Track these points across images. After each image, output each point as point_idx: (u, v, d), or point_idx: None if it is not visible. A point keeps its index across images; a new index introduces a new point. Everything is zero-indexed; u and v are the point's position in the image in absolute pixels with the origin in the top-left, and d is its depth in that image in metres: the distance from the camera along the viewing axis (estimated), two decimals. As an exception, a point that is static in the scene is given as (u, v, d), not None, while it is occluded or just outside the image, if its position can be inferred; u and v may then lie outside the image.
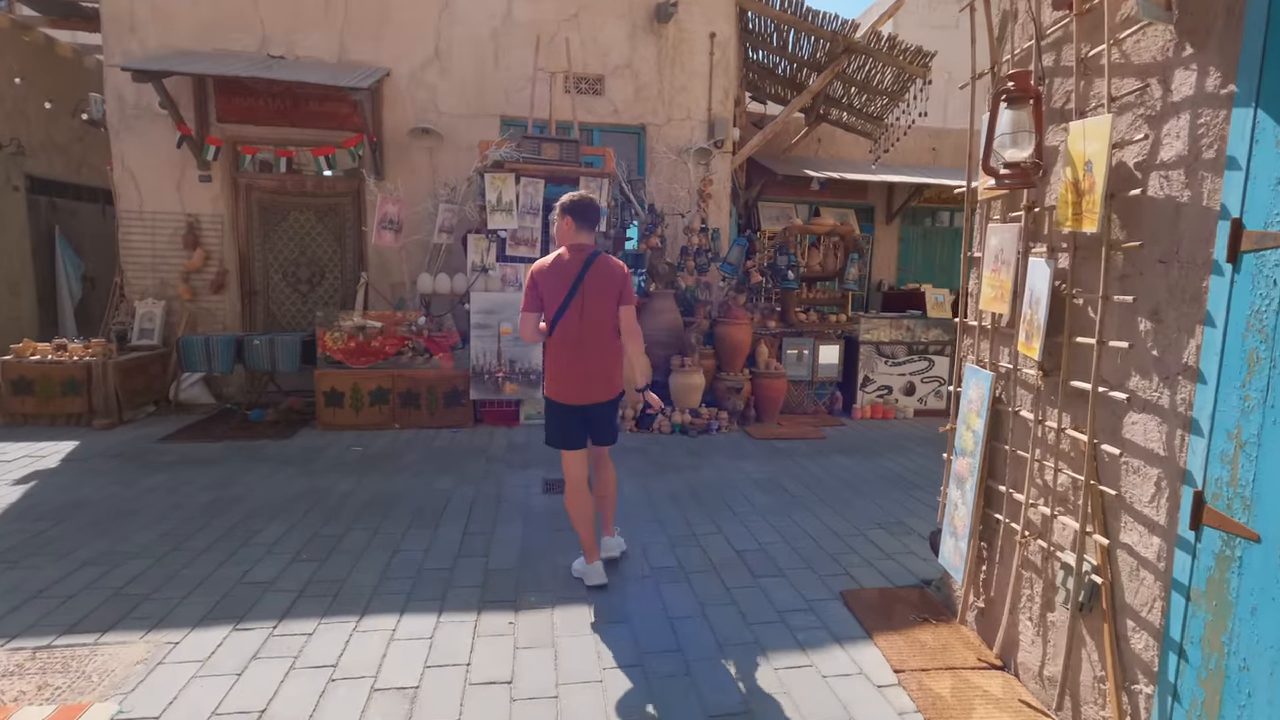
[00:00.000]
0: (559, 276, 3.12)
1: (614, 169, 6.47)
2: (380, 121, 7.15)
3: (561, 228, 3.25)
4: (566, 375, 3.18)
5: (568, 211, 3.23)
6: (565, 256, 3.17)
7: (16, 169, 9.21)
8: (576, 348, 3.13)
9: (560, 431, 3.26)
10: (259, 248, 7.26)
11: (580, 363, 3.15)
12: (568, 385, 3.18)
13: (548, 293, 3.12)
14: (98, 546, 3.55)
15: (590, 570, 3.29)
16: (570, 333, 3.12)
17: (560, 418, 3.24)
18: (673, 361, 6.41)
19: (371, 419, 6.12)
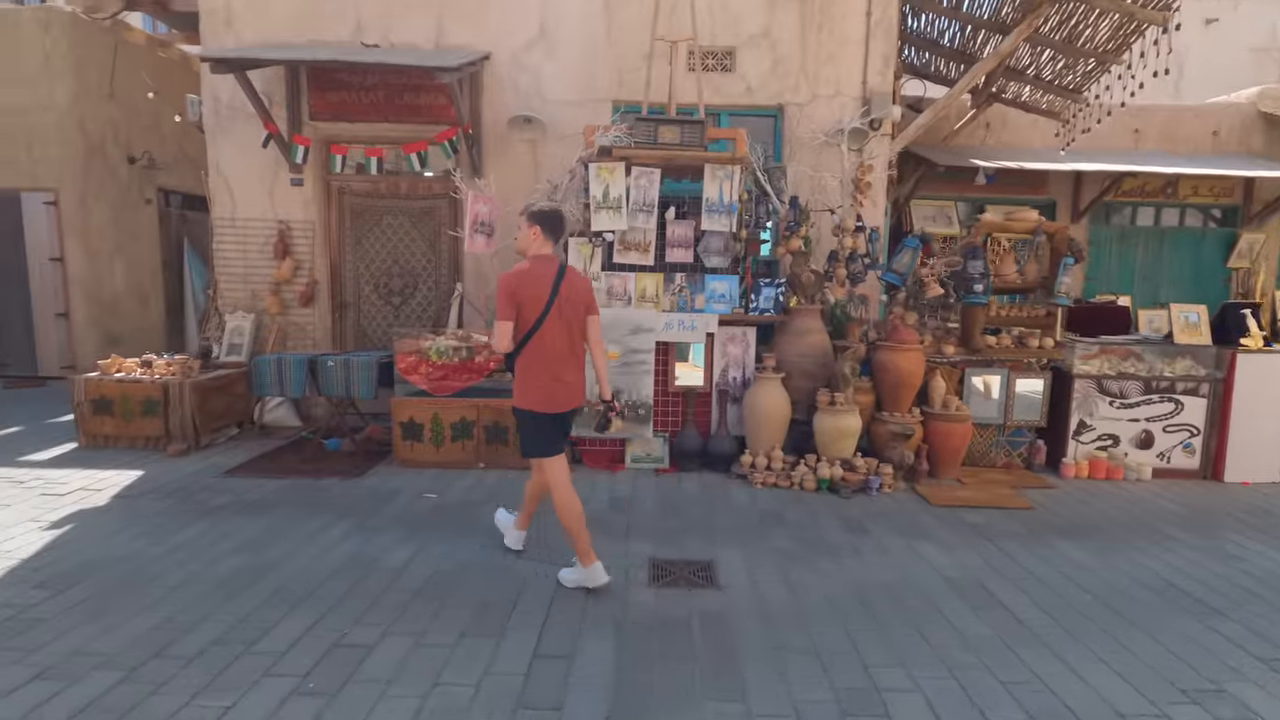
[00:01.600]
0: (536, 286, 3.15)
1: (747, 153, 5.18)
2: (478, 112, 6.30)
3: (529, 236, 3.27)
4: (557, 384, 3.22)
5: (537, 220, 3.27)
6: (537, 267, 3.20)
7: (149, 182, 9.35)
8: (559, 358, 3.20)
9: (547, 441, 3.32)
10: (350, 256, 6.63)
11: (568, 371, 3.25)
12: (558, 394, 3.24)
13: (526, 302, 3.13)
14: (72, 642, 2.73)
15: (589, 574, 3.26)
16: (556, 342, 3.18)
17: (546, 428, 3.29)
18: (819, 397, 5.00)
19: (453, 456, 5.19)
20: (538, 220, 3.26)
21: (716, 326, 5.21)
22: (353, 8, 6.23)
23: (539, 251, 3.25)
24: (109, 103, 8.57)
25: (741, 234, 5.23)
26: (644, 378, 5.10)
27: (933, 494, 4.82)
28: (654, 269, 5.37)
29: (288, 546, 3.73)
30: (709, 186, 5.12)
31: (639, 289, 5.31)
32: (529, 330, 3.14)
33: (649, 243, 5.33)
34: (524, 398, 3.23)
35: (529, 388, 3.21)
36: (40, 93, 8.09)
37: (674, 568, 3.58)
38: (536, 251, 3.25)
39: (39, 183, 8.20)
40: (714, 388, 5.35)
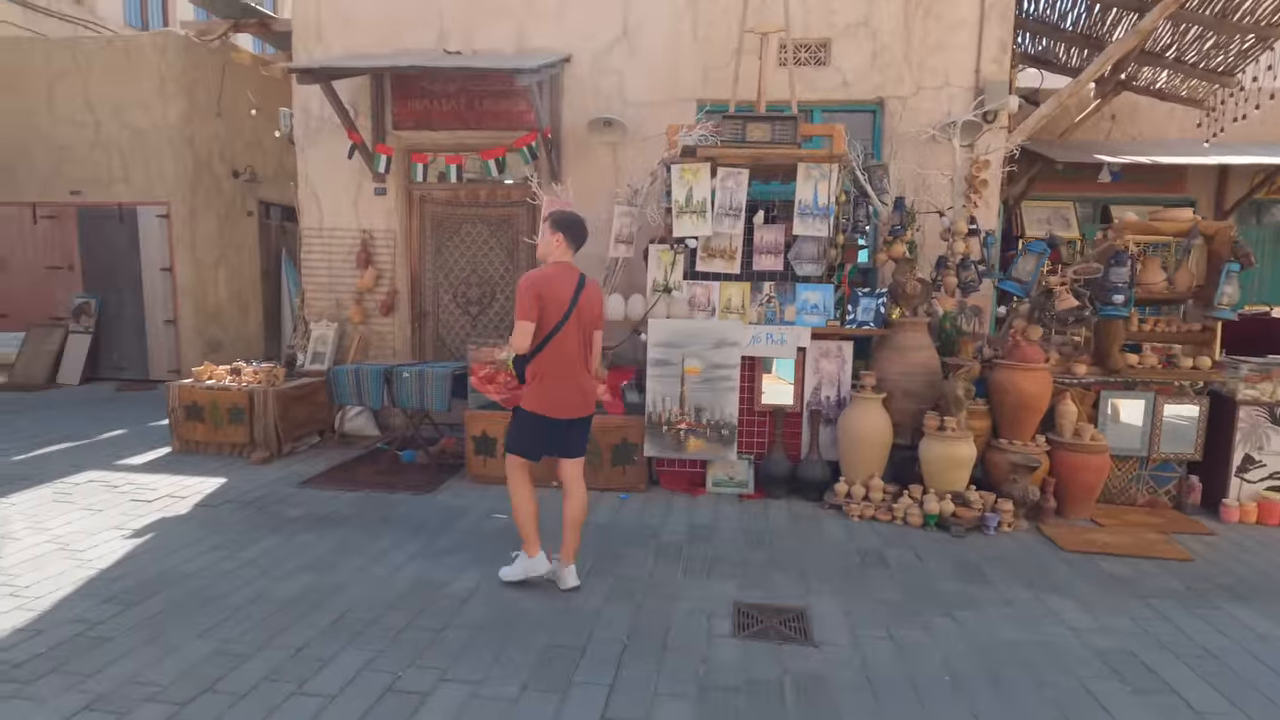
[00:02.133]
0: (560, 291, 3.16)
1: (845, 151, 4.71)
2: (558, 116, 6.11)
3: (552, 243, 3.27)
4: (564, 391, 3.24)
5: (561, 228, 3.27)
6: (560, 273, 3.21)
7: (251, 195, 9.78)
8: (574, 365, 3.23)
9: (535, 445, 3.33)
10: (430, 265, 6.59)
11: (577, 379, 3.27)
12: (564, 401, 3.25)
13: (549, 307, 3.13)
14: (128, 668, 2.62)
15: (534, 563, 3.34)
16: (569, 350, 3.20)
17: (542, 432, 3.28)
18: (926, 421, 4.45)
19: (526, 473, 4.95)
20: (561, 227, 3.27)
21: (809, 340, 4.76)
22: (436, 16, 6.20)
23: (560, 259, 3.27)
24: (216, 120, 9.01)
25: (838, 239, 4.76)
26: (727, 395, 4.71)
27: (1063, 536, 4.17)
28: (740, 278, 4.98)
29: (354, 567, 3.58)
30: (802, 188, 4.68)
31: (724, 299, 4.93)
32: (548, 335, 3.15)
33: (735, 249, 4.94)
34: (531, 400, 3.25)
35: (541, 393, 3.23)
36: (156, 113, 8.59)
37: (762, 615, 3.17)
38: (558, 259, 3.27)
39: (153, 197, 8.71)
40: (805, 407, 4.89)
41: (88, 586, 3.28)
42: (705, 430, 4.74)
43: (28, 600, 3.12)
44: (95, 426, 6.49)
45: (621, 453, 4.87)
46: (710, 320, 4.88)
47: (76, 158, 8.72)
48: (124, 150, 8.66)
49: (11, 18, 9.52)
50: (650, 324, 4.76)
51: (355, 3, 6.28)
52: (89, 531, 3.95)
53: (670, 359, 4.73)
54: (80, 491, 4.62)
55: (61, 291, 9.04)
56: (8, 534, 3.88)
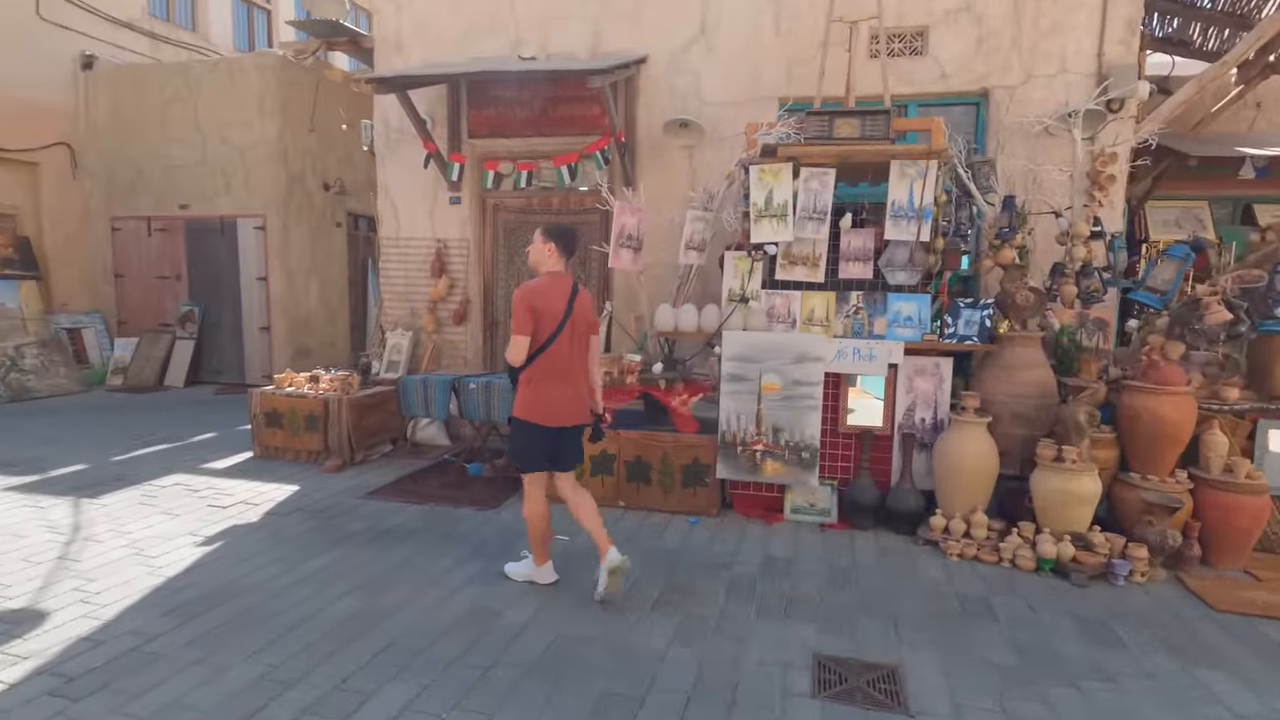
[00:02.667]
0: (554, 302, 3.22)
1: (946, 145, 4.23)
2: (632, 119, 5.90)
3: (544, 252, 3.32)
4: (558, 399, 3.27)
5: (553, 238, 3.33)
6: (553, 283, 3.27)
7: (340, 207, 10.13)
8: (567, 373, 3.29)
9: (535, 455, 3.34)
10: (502, 274, 6.52)
11: (571, 387, 3.31)
12: (558, 409, 3.28)
13: (544, 318, 3.19)
14: (174, 690, 2.55)
15: (540, 572, 3.48)
16: (562, 359, 3.25)
17: (538, 442, 3.31)
18: (1040, 450, 3.90)
19: (592, 492, 4.70)
20: (553, 237, 3.33)
21: (901, 356, 4.30)
22: (511, 23, 6.13)
23: (552, 268, 3.34)
24: (309, 136, 9.38)
25: (936, 243, 4.28)
26: (808, 414, 4.32)
27: (1212, 592, 3.53)
28: (824, 287, 4.58)
29: (410, 588, 3.44)
30: (895, 187, 4.25)
31: (806, 310, 4.54)
32: (542, 344, 3.22)
33: (819, 256, 4.55)
34: (526, 409, 3.28)
35: (533, 400, 3.27)
36: (255, 130, 9.02)
37: (846, 671, 2.78)
38: (550, 268, 3.33)
39: (251, 210, 9.14)
40: (896, 430, 4.42)
41: (153, 596, 3.28)
42: (784, 452, 4.36)
43: (96, 608, 3.14)
44: (190, 429, 6.78)
45: (693, 474, 4.56)
46: (790, 333, 4.51)
47: (185, 174, 9.27)
48: (226, 166, 9.14)
49: (139, 47, 10.28)
50: (725, 336, 4.43)
51: (433, 14, 6.31)
52: (165, 536, 4.01)
53: (746, 375, 4.39)
54: (164, 495, 4.75)
55: (170, 300, 9.63)
56: (91, 536, 3.99)
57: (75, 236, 9.65)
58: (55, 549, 3.79)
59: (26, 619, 3.02)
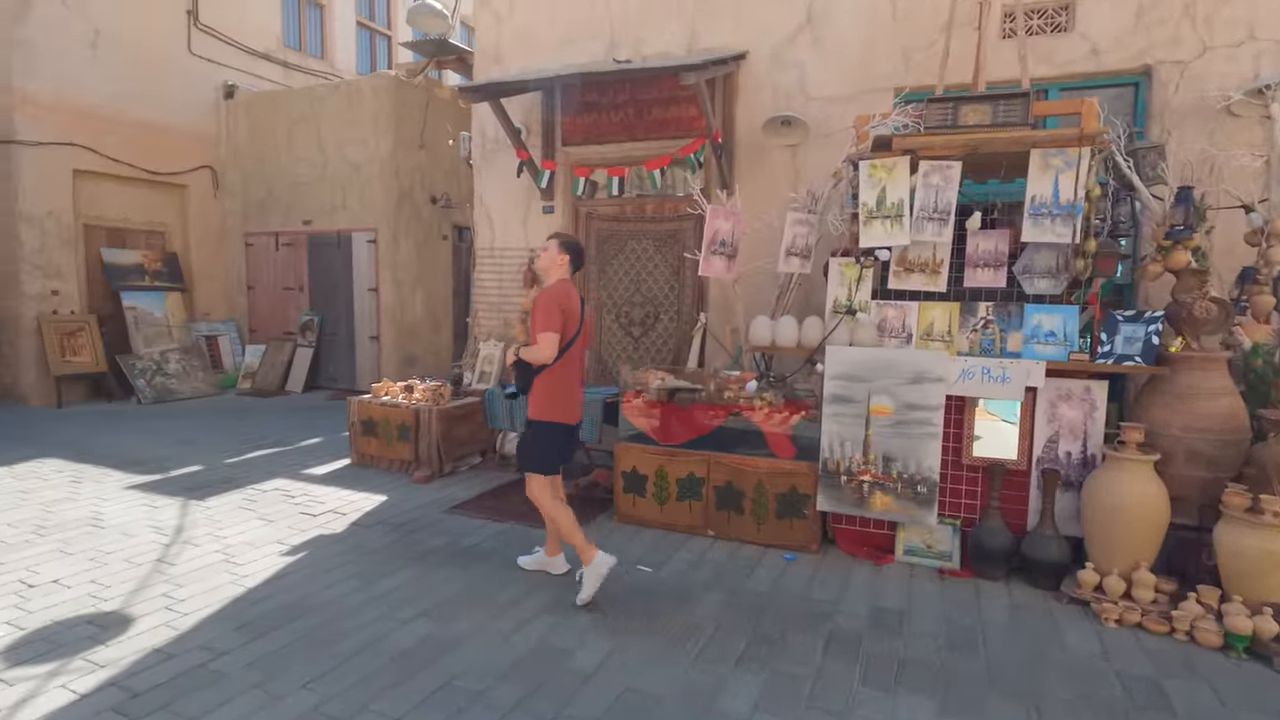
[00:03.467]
0: (575, 306, 3.42)
1: (1100, 129, 3.57)
2: (730, 119, 5.54)
3: (558, 262, 3.48)
4: (575, 398, 3.52)
5: (569, 250, 3.51)
6: (570, 291, 3.45)
7: (446, 220, 10.41)
8: (578, 374, 3.58)
9: (557, 456, 3.54)
10: (594, 284, 6.32)
11: (580, 387, 3.61)
12: (575, 407, 3.53)
13: (569, 322, 3.36)
14: (230, 714, 2.45)
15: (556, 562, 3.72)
16: (576, 362, 3.52)
17: (560, 442, 3.53)
18: (1227, 498, 3.15)
19: (679, 518, 4.39)
20: (569, 250, 3.51)
21: (1042, 378, 3.66)
22: (606, 26, 5.96)
23: (563, 277, 3.48)
24: (419, 152, 9.70)
25: (1088, 245, 3.61)
26: (925, 443, 3.76)
27: None
28: (946, 297, 4.01)
29: (480, 616, 3.24)
30: (1036, 180, 3.63)
31: (924, 323, 4.00)
32: (564, 347, 3.36)
33: (940, 261, 3.99)
34: (549, 410, 3.42)
35: (554, 401, 3.41)
36: (370, 147, 9.44)
37: (973, 767, 2.26)
38: (559, 277, 3.48)
39: (364, 224, 9.56)
40: (1034, 464, 3.77)
41: (230, 608, 3.27)
42: (895, 485, 3.82)
43: (176, 616, 3.16)
44: (299, 433, 7.06)
45: (789, 504, 4.11)
46: (906, 349, 3.97)
47: (308, 191, 9.85)
48: (344, 182, 9.62)
49: (273, 75, 11.11)
50: (828, 352, 3.96)
51: (532, 24, 6.25)
52: (254, 544, 4.06)
53: (852, 395, 3.90)
54: (263, 500, 4.88)
55: (293, 310, 10.24)
56: (190, 539, 4.11)
57: (215, 251, 10.49)
58: (156, 551, 3.92)
59: (114, 624, 3.07)
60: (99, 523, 4.34)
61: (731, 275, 4.59)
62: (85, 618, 3.12)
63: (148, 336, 9.35)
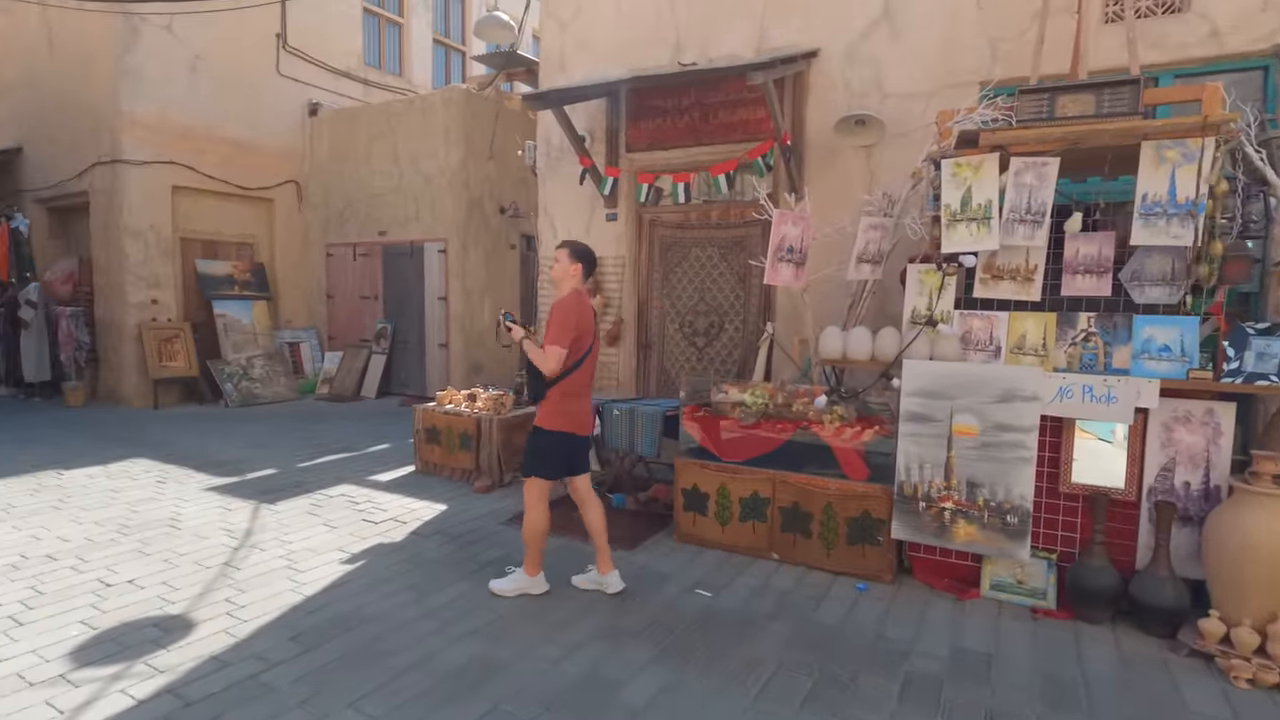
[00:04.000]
0: (589, 319, 3.41)
1: (1223, 117, 3.14)
2: (800, 120, 5.29)
3: (570, 271, 3.46)
4: (587, 409, 3.54)
5: (579, 258, 3.49)
6: (584, 301, 3.43)
7: (514, 229, 10.53)
8: (590, 384, 3.53)
9: (560, 464, 3.51)
10: (657, 293, 6.18)
11: (589, 397, 3.56)
12: (587, 418, 3.55)
13: (583, 335, 3.36)
14: (273, 732, 2.41)
15: (535, 582, 3.54)
16: (590, 372, 3.50)
17: (565, 452, 3.48)
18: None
19: (741, 539, 4.17)
20: (579, 258, 3.47)
21: (1156, 398, 3.25)
22: (672, 29, 5.83)
23: (575, 286, 3.44)
24: (488, 163, 9.85)
25: (1213, 248, 3.18)
26: (1017, 468, 3.41)
27: None
28: (1041, 306, 3.65)
29: (529, 638, 3.12)
30: (1148, 177, 3.24)
31: (1014, 335, 3.64)
32: (580, 359, 3.37)
33: (1034, 268, 3.63)
34: (562, 421, 3.41)
35: (564, 411, 3.41)
36: (441, 159, 9.65)
37: None
38: (572, 286, 3.44)
39: (435, 234, 9.77)
40: (1145, 495, 3.36)
41: (288, 615, 3.28)
42: (981, 513, 3.48)
43: (236, 623, 3.19)
44: (369, 439, 7.22)
45: (861, 529, 3.82)
46: (993, 364, 3.63)
47: (384, 202, 10.17)
48: (417, 194, 9.87)
49: (354, 93, 11.58)
50: (905, 367, 3.66)
51: (596, 29, 6.20)
52: (317, 550, 4.10)
53: (932, 414, 3.58)
54: (329, 505, 4.96)
55: (369, 318, 10.58)
56: (258, 543, 4.19)
57: (298, 262, 10.97)
58: (225, 554, 4.01)
59: (176, 628, 3.13)
60: (176, 523, 4.50)
61: (799, 284, 4.34)
62: (152, 620, 3.19)
63: (236, 343, 9.84)
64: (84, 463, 5.98)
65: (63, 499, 4.96)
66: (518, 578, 3.57)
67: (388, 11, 12.43)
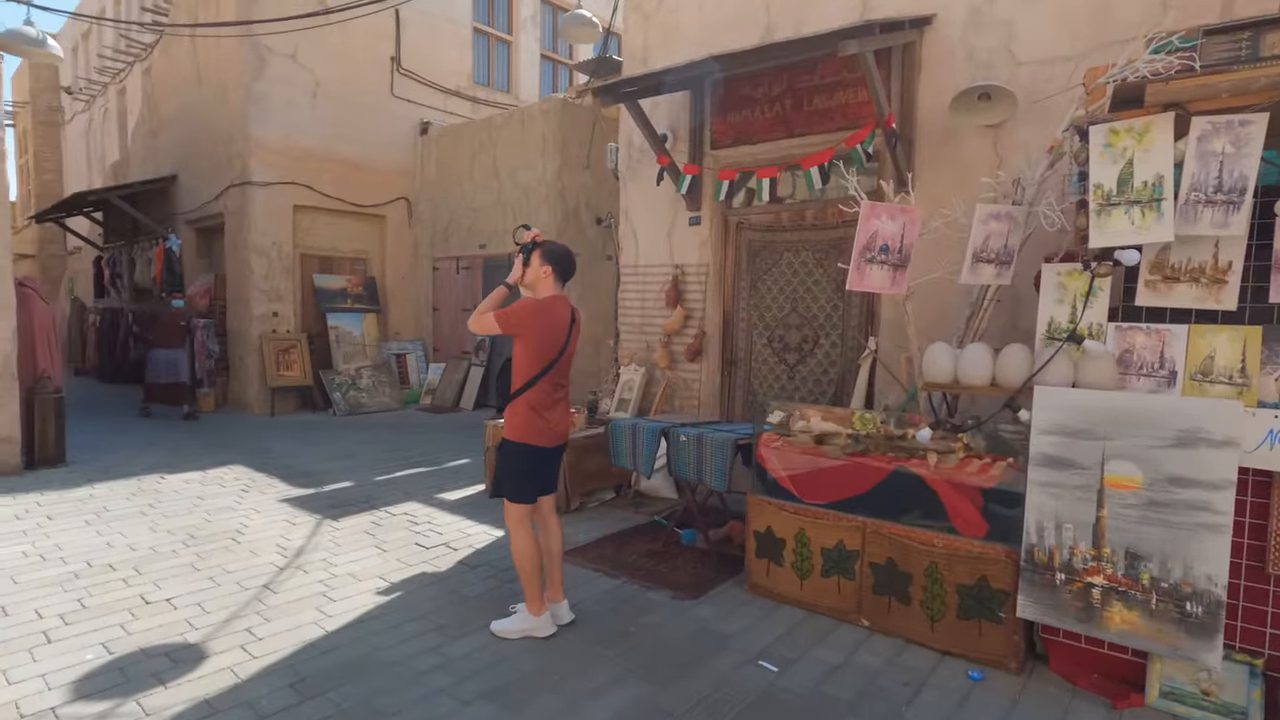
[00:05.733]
0: (558, 327, 3.07)
1: None
2: (911, 98, 4.51)
3: (541, 275, 3.10)
4: (554, 421, 3.14)
5: (552, 260, 3.11)
6: (557, 307, 3.06)
7: (609, 241, 10.23)
8: (564, 395, 3.21)
9: (530, 483, 3.16)
10: (744, 303, 5.56)
11: (563, 407, 3.23)
12: (554, 429, 3.15)
13: (544, 340, 3.03)
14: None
15: (538, 623, 3.18)
16: (559, 380, 3.14)
17: (536, 466, 3.15)
18: None
19: (823, 598, 3.46)
20: (552, 260, 3.11)
21: None
22: (762, 9, 5.22)
23: (550, 292, 3.11)
24: (584, 172, 9.64)
25: None
26: (1200, 538, 2.49)
27: None
28: (1236, 317, 2.70)
29: (551, 706, 2.65)
30: None
31: (1197, 356, 2.72)
32: (542, 370, 3.06)
33: (1226, 266, 2.70)
34: (524, 432, 3.09)
35: (532, 422, 3.08)
36: (538, 171, 9.56)
37: None
38: (547, 292, 3.10)
39: (531, 246, 9.69)
40: None
41: (299, 655, 3.01)
42: (1147, 596, 2.59)
43: (244, 660, 2.95)
44: (453, 452, 7.11)
45: (977, 599, 3.01)
46: (1165, 394, 2.73)
47: (484, 216, 10.24)
48: (515, 206, 9.84)
49: (463, 110, 11.88)
50: (1038, 395, 2.84)
51: (678, 19, 5.73)
52: (357, 576, 3.87)
53: (1076, 458, 2.74)
54: (388, 525, 4.77)
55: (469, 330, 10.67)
56: (303, 565, 4.03)
57: (407, 276, 11.32)
58: (269, 575, 3.87)
59: (187, 660, 2.94)
60: (238, 537, 4.46)
61: (898, 290, 3.57)
62: (168, 647, 3.04)
63: (346, 354, 10.25)
64: (188, 467, 6.25)
65: (153, 504, 5.12)
66: (521, 618, 3.23)
67: (497, 30, 12.67)
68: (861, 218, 3.42)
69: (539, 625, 3.19)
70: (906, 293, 3.57)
